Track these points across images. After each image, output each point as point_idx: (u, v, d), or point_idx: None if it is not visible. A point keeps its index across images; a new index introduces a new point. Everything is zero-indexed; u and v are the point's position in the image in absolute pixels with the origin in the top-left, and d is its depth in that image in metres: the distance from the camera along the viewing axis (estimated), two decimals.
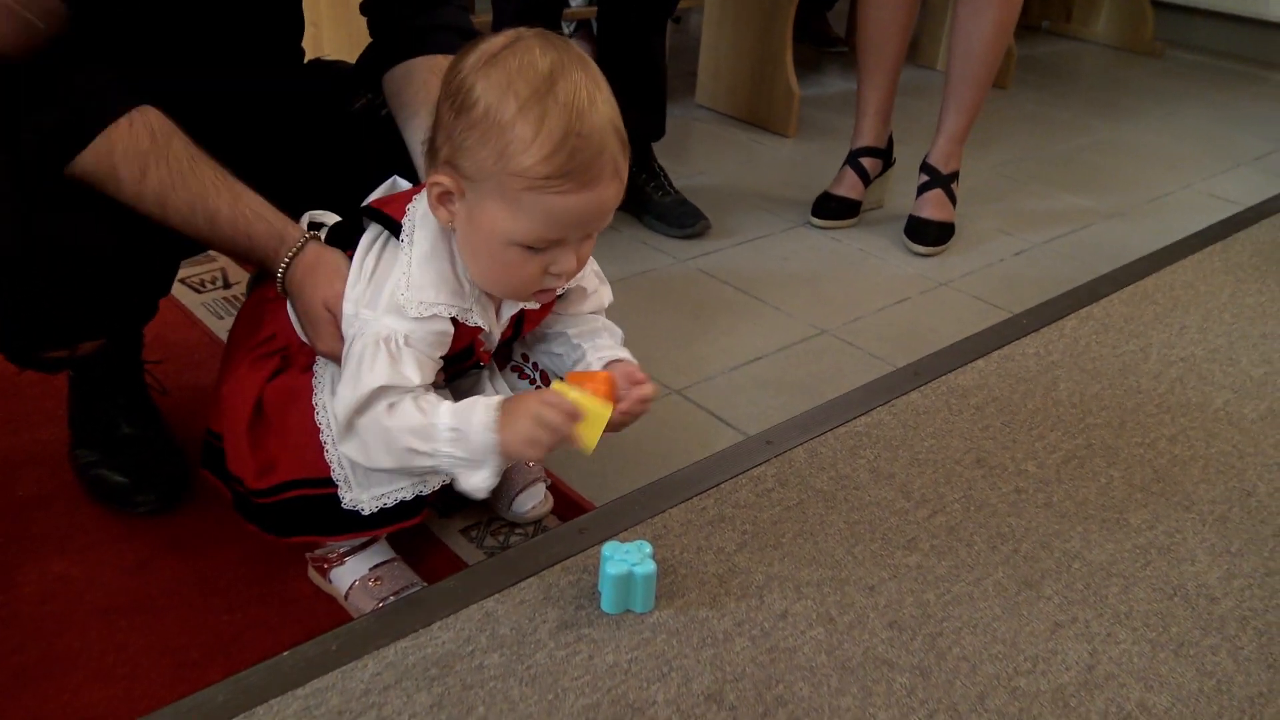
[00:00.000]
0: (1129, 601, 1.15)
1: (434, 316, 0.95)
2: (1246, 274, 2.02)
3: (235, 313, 1.64)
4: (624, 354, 1.09)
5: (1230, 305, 1.88)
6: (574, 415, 0.94)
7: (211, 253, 1.58)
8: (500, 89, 0.87)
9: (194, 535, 1.20)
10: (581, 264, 0.96)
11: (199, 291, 1.72)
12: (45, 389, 1.37)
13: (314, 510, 1.02)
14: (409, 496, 1.02)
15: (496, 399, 0.95)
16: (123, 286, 1.06)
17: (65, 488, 1.26)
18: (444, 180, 0.91)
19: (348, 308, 0.97)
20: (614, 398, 0.98)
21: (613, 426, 1.02)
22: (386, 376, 0.92)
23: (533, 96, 0.86)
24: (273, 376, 1.03)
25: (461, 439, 0.93)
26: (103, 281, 1.03)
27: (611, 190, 0.90)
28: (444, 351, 0.98)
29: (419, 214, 0.97)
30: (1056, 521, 1.27)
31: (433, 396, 0.96)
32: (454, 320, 0.97)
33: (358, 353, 0.93)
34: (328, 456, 1.00)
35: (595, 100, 0.88)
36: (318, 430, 1.00)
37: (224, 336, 1.57)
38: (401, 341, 0.93)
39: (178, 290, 1.68)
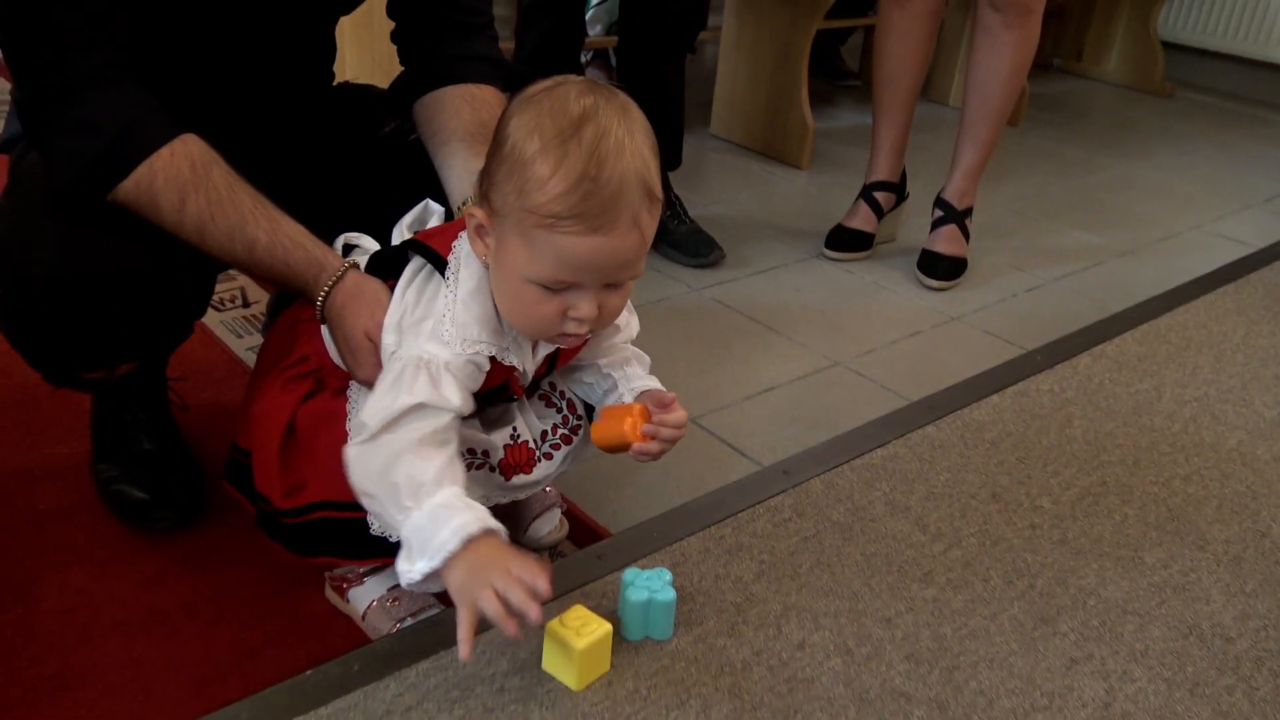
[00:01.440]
0: (1145, 640, 1.15)
1: (474, 354, 0.95)
2: (1259, 315, 2.02)
3: (255, 331, 1.66)
4: (654, 383, 1.10)
5: (1243, 346, 1.88)
6: (536, 596, 0.86)
7: (232, 271, 1.59)
8: (529, 127, 0.88)
9: (211, 551, 1.21)
10: (608, 316, 0.95)
11: (219, 310, 1.73)
12: (65, 404, 1.38)
13: (339, 533, 1.02)
14: None
15: (497, 526, 0.90)
16: (161, 308, 1.07)
17: (84, 501, 1.26)
18: (478, 214, 0.93)
19: (387, 338, 0.97)
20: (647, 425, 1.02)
21: (650, 455, 1.03)
22: (426, 395, 0.92)
23: (556, 137, 0.86)
24: (306, 399, 1.03)
25: (436, 523, 0.89)
26: (142, 304, 1.03)
27: (627, 241, 0.89)
28: (476, 387, 0.98)
29: (464, 252, 0.98)
30: (1072, 558, 1.27)
31: (460, 468, 0.94)
32: (491, 358, 0.97)
33: (397, 370, 0.94)
34: None
35: (623, 149, 0.87)
36: None
37: (243, 355, 1.59)
38: (442, 366, 0.94)
39: None
